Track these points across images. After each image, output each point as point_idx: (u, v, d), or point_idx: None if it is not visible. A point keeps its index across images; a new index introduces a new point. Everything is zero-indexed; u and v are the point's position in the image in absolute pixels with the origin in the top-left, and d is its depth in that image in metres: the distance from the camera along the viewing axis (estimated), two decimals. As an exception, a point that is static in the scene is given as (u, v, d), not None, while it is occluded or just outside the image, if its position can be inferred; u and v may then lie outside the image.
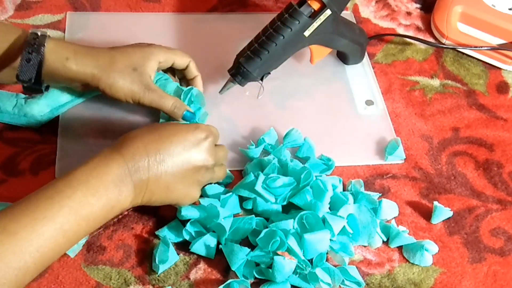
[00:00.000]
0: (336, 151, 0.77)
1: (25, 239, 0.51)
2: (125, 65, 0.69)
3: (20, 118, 0.74)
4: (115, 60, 0.69)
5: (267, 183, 0.68)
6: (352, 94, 0.85)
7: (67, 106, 0.77)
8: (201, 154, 0.63)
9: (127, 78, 0.69)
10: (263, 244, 0.64)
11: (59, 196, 0.54)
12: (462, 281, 0.68)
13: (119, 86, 0.69)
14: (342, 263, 0.66)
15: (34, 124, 0.75)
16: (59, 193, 0.54)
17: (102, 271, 0.65)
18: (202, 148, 0.63)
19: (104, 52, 0.70)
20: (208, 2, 0.96)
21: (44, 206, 0.53)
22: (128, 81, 0.69)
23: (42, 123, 0.75)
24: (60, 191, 0.55)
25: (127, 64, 0.70)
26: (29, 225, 0.51)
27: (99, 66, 0.68)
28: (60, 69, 0.67)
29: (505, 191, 0.76)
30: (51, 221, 0.53)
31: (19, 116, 0.74)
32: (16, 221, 0.51)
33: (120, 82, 0.69)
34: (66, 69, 0.67)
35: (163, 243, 0.66)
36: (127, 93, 0.70)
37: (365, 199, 0.71)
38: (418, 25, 0.97)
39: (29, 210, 0.53)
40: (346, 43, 0.82)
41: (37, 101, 0.75)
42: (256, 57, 0.74)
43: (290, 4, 0.74)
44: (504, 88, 0.89)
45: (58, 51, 0.67)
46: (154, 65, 0.72)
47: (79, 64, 0.68)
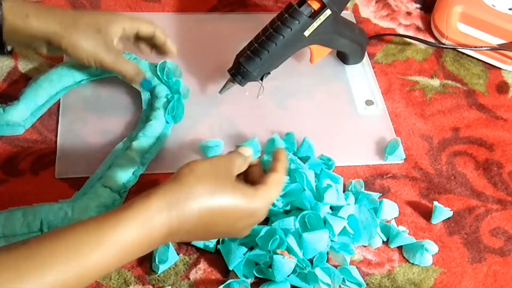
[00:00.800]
0: (336, 151, 0.77)
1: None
2: (89, 26, 0.68)
3: (2, 128, 0.74)
4: (79, 20, 0.68)
5: None
6: (352, 94, 0.86)
7: (47, 105, 0.77)
8: (240, 231, 0.59)
9: (90, 39, 0.68)
10: (262, 244, 0.64)
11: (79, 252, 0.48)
12: (462, 281, 0.68)
13: (82, 46, 0.68)
14: (343, 263, 0.66)
15: (19, 130, 0.75)
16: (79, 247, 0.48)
17: (102, 271, 0.65)
18: (247, 230, 0.60)
19: (67, 11, 0.70)
20: (208, 2, 0.96)
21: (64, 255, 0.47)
22: (91, 42, 0.68)
23: (26, 128, 0.75)
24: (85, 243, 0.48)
25: (91, 25, 0.69)
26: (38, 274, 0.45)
27: (62, 23, 0.67)
28: (21, 27, 0.66)
29: (505, 191, 0.76)
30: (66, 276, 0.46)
31: (1, 126, 0.74)
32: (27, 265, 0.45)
33: (83, 42, 0.68)
34: (27, 26, 0.66)
35: None
36: (89, 54, 0.69)
37: (365, 199, 0.71)
38: (418, 25, 0.97)
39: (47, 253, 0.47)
40: (346, 43, 0.82)
41: (15, 107, 0.74)
42: (256, 57, 0.74)
43: (290, 4, 0.74)
44: (504, 88, 0.89)
45: (17, 9, 0.66)
46: (118, 29, 0.71)
47: (41, 21, 0.66)
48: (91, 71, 0.79)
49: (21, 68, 0.83)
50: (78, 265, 0.47)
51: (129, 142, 0.73)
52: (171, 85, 0.77)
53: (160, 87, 0.78)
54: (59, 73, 0.77)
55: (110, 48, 0.70)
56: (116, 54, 0.70)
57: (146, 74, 0.76)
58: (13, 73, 0.82)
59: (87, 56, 0.69)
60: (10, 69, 0.83)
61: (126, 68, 0.72)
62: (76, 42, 0.68)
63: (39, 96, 0.76)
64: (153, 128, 0.74)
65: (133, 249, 0.50)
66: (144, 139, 0.72)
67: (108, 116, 0.78)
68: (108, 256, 0.48)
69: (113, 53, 0.70)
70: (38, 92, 0.76)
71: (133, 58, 0.79)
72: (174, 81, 0.77)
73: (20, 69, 0.83)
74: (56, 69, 0.78)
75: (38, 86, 0.76)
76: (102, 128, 0.77)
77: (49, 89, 0.76)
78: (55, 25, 0.67)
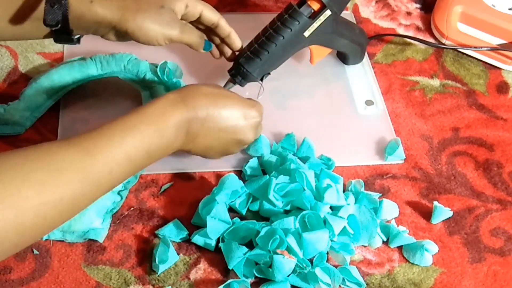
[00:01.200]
0: (336, 151, 0.77)
1: (101, 161, 0.55)
2: (151, 4, 0.68)
3: (2, 128, 0.74)
4: (141, 0, 0.68)
5: (276, 189, 0.69)
6: (352, 94, 0.86)
7: (47, 105, 0.77)
8: (248, 131, 0.69)
9: (155, 16, 0.67)
10: (262, 243, 0.64)
11: (133, 129, 0.58)
12: (462, 281, 0.68)
13: (148, 27, 0.67)
14: (344, 263, 0.67)
15: (19, 130, 0.75)
16: (133, 128, 0.58)
17: (102, 271, 0.65)
18: (251, 126, 0.69)
19: None
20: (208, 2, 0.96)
21: (120, 135, 0.57)
22: (156, 20, 0.67)
23: (27, 127, 0.76)
24: (133, 126, 0.58)
25: (154, 2, 0.68)
26: (105, 149, 0.55)
27: (125, 6, 0.66)
28: (86, 14, 0.65)
29: (505, 191, 0.76)
30: (123, 150, 0.57)
31: (1, 126, 0.74)
32: (95, 144, 0.55)
33: (148, 22, 0.67)
34: (92, 13, 0.65)
35: (163, 243, 0.66)
36: (157, 33, 0.68)
37: (366, 199, 0.71)
38: (418, 25, 0.97)
39: (106, 137, 0.57)
40: (346, 43, 0.82)
41: (15, 107, 0.75)
42: (256, 58, 0.74)
43: (290, 4, 0.74)
44: (504, 88, 0.89)
45: None
46: (181, 6, 0.70)
47: (105, 6, 0.66)
48: (91, 71, 0.79)
49: (21, 68, 0.83)
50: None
51: None
52: (172, 86, 0.77)
53: (160, 87, 0.78)
54: (59, 72, 0.78)
55: (175, 22, 0.69)
56: (181, 26, 0.69)
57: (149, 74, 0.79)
58: (13, 73, 0.82)
59: (155, 35, 0.68)
60: (10, 69, 0.83)
61: (192, 39, 0.71)
62: (142, 24, 0.67)
63: (39, 96, 0.76)
64: None
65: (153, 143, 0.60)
66: None
67: (108, 116, 0.78)
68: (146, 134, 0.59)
69: (178, 26, 0.69)
70: (38, 91, 0.76)
71: (133, 58, 0.79)
72: (175, 82, 0.77)
73: (20, 69, 0.83)
74: (56, 68, 0.78)
75: (38, 86, 0.76)
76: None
77: (49, 88, 0.77)
78: (118, 10, 0.66)
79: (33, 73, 0.82)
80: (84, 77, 0.79)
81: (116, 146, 0.56)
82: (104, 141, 0.56)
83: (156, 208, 0.71)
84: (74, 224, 0.65)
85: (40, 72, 0.80)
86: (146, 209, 0.70)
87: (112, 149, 0.56)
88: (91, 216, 0.66)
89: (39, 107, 0.76)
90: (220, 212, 0.67)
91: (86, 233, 0.66)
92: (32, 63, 0.83)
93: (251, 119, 0.69)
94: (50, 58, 0.84)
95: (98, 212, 0.66)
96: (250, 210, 0.70)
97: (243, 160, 0.75)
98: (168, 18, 0.68)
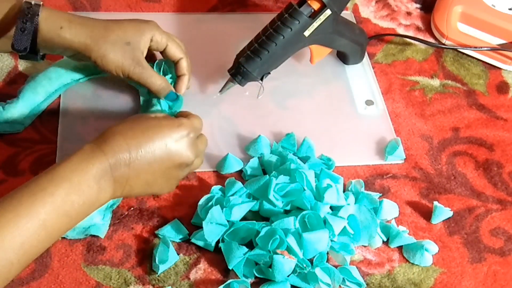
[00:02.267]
0: (336, 151, 0.77)
1: (8, 235, 0.51)
2: (118, 38, 0.70)
3: (2, 126, 0.74)
4: (109, 32, 0.70)
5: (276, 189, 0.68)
6: (352, 94, 0.85)
7: (46, 103, 0.77)
8: (183, 151, 0.63)
9: (119, 51, 0.70)
10: (262, 244, 0.64)
11: (42, 193, 0.54)
12: (462, 281, 0.68)
13: (110, 59, 0.69)
14: (344, 263, 0.66)
15: (18, 128, 0.75)
16: (42, 190, 0.54)
17: (102, 271, 0.65)
18: (183, 145, 0.63)
19: (99, 23, 0.70)
20: (208, 2, 0.96)
21: (27, 202, 0.53)
22: (119, 55, 0.70)
23: (26, 126, 0.76)
24: (43, 188, 0.54)
25: (121, 37, 0.70)
26: (12, 221, 0.52)
27: (93, 36, 0.69)
28: (55, 38, 0.68)
29: (505, 191, 0.76)
30: (34, 218, 0.53)
31: (0, 124, 0.74)
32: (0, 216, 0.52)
33: (111, 55, 0.69)
34: (60, 38, 0.68)
35: (163, 243, 0.66)
36: (117, 66, 0.70)
37: (366, 199, 0.71)
38: (418, 25, 0.97)
39: (12, 206, 0.53)
40: (346, 43, 0.82)
41: (14, 105, 0.74)
42: (256, 57, 0.74)
43: (290, 4, 0.74)
44: (504, 88, 0.89)
45: (52, 20, 0.68)
46: (146, 41, 0.72)
47: (73, 34, 0.68)
48: (89, 69, 0.79)
49: (21, 68, 0.83)
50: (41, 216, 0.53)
51: None
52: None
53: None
54: (57, 71, 0.78)
55: (138, 61, 0.71)
56: (144, 67, 0.71)
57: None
58: (13, 73, 0.82)
59: (115, 68, 0.70)
60: (10, 69, 0.83)
61: (152, 81, 0.72)
62: (104, 55, 0.69)
63: (38, 94, 0.76)
64: None
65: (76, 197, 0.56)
66: None
67: (108, 116, 0.78)
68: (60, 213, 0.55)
69: (140, 65, 0.71)
70: (37, 90, 0.76)
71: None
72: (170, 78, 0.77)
73: (20, 69, 0.83)
74: (54, 66, 0.78)
75: (37, 84, 0.76)
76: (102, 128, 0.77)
77: (47, 86, 0.77)
78: (86, 38, 0.68)
79: (32, 73, 0.82)
80: (82, 76, 0.79)
81: (24, 216, 0.52)
82: (10, 211, 0.52)
83: (156, 208, 0.70)
84: None
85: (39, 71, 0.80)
86: (146, 209, 0.70)
87: (20, 219, 0.52)
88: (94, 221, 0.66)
89: (38, 105, 0.76)
90: (216, 216, 0.66)
91: (87, 229, 0.66)
92: (31, 62, 0.83)
93: (182, 139, 0.63)
94: (49, 58, 0.84)
95: (100, 214, 0.66)
96: (250, 210, 0.70)
97: (244, 160, 0.75)
98: (131, 56, 0.70)
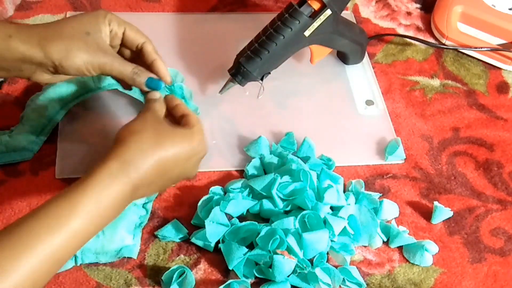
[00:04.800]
0: (336, 151, 0.77)
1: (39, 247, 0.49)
2: (75, 30, 0.60)
3: (10, 155, 0.72)
4: (63, 28, 0.60)
5: (279, 188, 0.69)
6: (352, 94, 0.85)
7: (52, 124, 0.75)
8: (191, 170, 0.62)
9: (81, 43, 0.60)
10: (263, 244, 0.64)
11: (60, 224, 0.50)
12: (462, 281, 0.68)
13: (75, 54, 0.59)
14: (344, 263, 0.66)
15: (28, 156, 0.73)
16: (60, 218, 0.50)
17: (102, 272, 0.65)
18: (195, 166, 0.62)
19: (49, 23, 0.62)
20: (208, 2, 0.96)
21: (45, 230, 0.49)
22: (83, 47, 0.60)
23: (35, 152, 0.73)
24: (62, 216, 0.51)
25: (77, 28, 0.60)
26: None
27: (47, 37, 0.59)
28: (5, 53, 0.58)
29: (505, 191, 0.76)
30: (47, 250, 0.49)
31: (8, 153, 0.72)
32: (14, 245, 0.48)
33: (74, 50, 0.59)
34: (11, 48, 0.58)
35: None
36: (85, 60, 0.60)
37: (366, 199, 0.71)
38: (418, 25, 0.97)
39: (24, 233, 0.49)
40: (346, 43, 0.82)
41: (20, 132, 0.72)
42: (256, 57, 0.74)
43: (290, 4, 0.74)
44: (504, 88, 0.89)
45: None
46: (106, 28, 0.62)
47: (24, 40, 0.58)
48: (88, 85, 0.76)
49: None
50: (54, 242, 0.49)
51: None
52: (175, 91, 0.77)
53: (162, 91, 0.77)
54: (56, 90, 0.75)
55: (105, 49, 0.61)
56: (112, 54, 0.62)
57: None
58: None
59: (84, 63, 0.60)
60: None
61: (124, 71, 0.62)
62: (68, 53, 0.59)
63: (42, 117, 0.74)
64: None
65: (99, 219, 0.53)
66: None
67: (108, 116, 0.78)
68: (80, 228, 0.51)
69: (109, 53, 0.61)
70: (40, 113, 0.74)
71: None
72: (177, 87, 0.77)
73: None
74: (53, 86, 0.75)
75: (39, 107, 0.74)
76: (102, 127, 0.77)
77: (50, 108, 0.74)
78: (39, 40, 0.59)
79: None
80: (82, 92, 0.77)
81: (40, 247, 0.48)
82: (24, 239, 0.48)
83: (156, 209, 0.70)
84: (107, 245, 0.64)
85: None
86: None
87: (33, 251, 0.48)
88: (122, 234, 0.65)
89: (44, 129, 0.74)
90: (218, 216, 0.67)
91: (119, 252, 0.65)
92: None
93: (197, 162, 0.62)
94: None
95: (128, 228, 0.66)
96: (251, 213, 0.70)
97: (244, 160, 0.75)
98: (95, 46, 0.61)
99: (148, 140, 0.56)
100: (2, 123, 0.75)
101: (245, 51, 0.75)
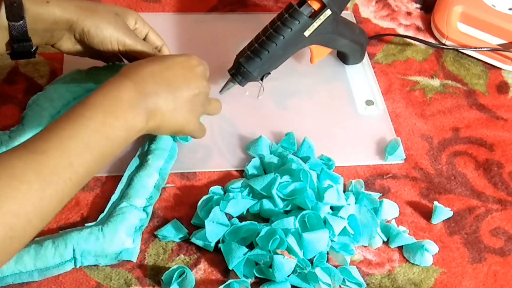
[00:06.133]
0: (336, 151, 0.77)
1: (56, 156, 0.52)
2: (107, 9, 0.71)
3: None
4: (97, 6, 0.70)
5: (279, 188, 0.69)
6: (352, 94, 0.86)
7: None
8: (197, 79, 0.65)
9: (112, 20, 0.70)
10: (263, 243, 0.64)
11: (81, 118, 0.55)
12: (462, 281, 0.68)
13: (105, 27, 0.69)
14: (344, 263, 0.67)
15: None
16: (81, 116, 0.55)
17: (102, 272, 0.65)
18: (197, 74, 0.66)
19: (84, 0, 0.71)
20: (208, 2, 0.97)
21: (69, 126, 0.54)
22: (112, 23, 0.70)
23: None
24: (81, 114, 0.55)
25: (109, 9, 0.71)
26: (57, 143, 0.53)
27: (82, 7, 0.69)
28: (42, 14, 0.66)
29: (505, 191, 0.76)
30: (78, 139, 0.54)
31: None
32: (45, 140, 0.53)
33: (105, 23, 0.69)
34: (49, 12, 0.67)
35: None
36: (112, 34, 0.70)
37: (366, 199, 0.71)
38: (418, 25, 0.97)
39: (55, 132, 0.54)
40: (346, 43, 0.82)
41: (20, 133, 0.72)
42: (256, 57, 0.74)
43: (290, 4, 0.74)
44: (504, 88, 0.89)
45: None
46: (132, 21, 0.73)
47: (61, 7, 0.68)
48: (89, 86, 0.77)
49: (21, 68, 0.83)
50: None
51: (142, 157, 0.73)
52: None
53: None
54: (58, 91, 0.75)
55: (129, 30, 0.72)
56: (135, 36, 0.72)
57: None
58: (13, 73, 0.82)
59: (110, 36, 0.70)
60: (10, 69, 0.83)
61: (148, 47, 0.72)
62: (98, 24, 0.69)
63: (42, 117, 0.74)
64: (164, 139, 0.74)
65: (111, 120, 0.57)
66: (159, 152, 0.72)
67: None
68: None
69: (133, 34, 0.72)
70: (41, 113, 0.74)
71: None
72: None
73: (20, 69, 0.83)
74: (54, 86, 0.76)
75: (39, 108, 0.74)
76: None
77: (50, 109, 0.74)
78: (76, 9, 0.68)
79: (32, 73, 0.82)
80: (82, 93, 0.77)
81: (67, 136, 0.53)
82: (54, 135, 0.53)
83: (156, 208, 0.70)
84: (106, 248, 0.64)
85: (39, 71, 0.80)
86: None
87: (64, 140, 0.53)
88: (121, 237, 0.64)
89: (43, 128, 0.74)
90: (218, 216, 0.67)
91: (119, 255, 0.65)
92: (32, 63, 0.83)
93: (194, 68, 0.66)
94: (50, 58, 0.84)
95: (127, 231, 0.65)
96: (251, 213, 0.70)
97: (244, 160, 0.75)
98: (123, 25, 0.71)
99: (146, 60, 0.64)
100: (2, 123, 0.75)
101: (245, 51, 0.75)
